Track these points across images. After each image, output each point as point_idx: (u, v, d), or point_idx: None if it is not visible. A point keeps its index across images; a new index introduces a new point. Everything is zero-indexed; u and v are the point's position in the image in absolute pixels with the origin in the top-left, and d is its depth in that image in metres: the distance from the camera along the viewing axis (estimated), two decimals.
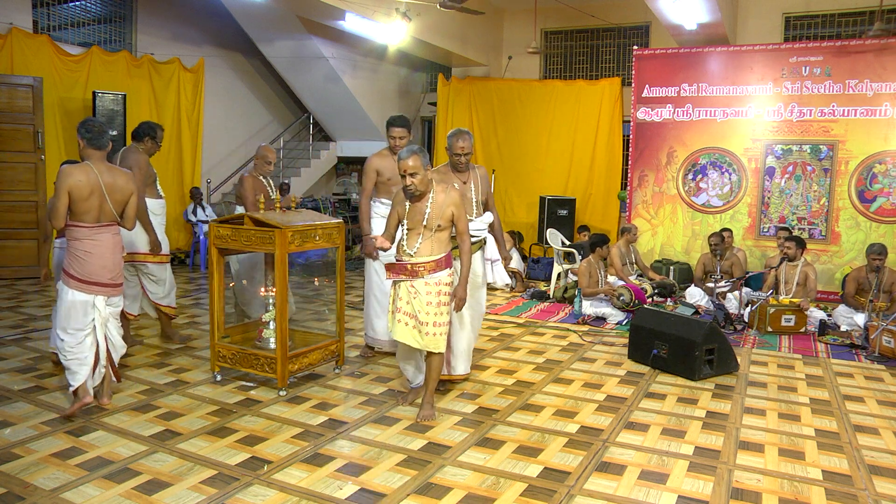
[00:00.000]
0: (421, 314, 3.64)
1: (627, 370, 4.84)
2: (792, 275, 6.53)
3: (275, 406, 3.91)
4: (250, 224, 4.05)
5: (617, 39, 10.84)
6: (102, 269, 3.69)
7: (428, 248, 3.62)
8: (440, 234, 3.63)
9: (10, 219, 7.64)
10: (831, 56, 7.58)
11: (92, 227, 3.67)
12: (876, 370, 5.03)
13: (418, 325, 3.65)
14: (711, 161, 8.22)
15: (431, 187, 3.61)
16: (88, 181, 3.61)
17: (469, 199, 4.13)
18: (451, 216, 3.61)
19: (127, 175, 3.84)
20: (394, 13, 7.94)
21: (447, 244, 3.69)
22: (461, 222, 3.66)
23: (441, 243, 3.65)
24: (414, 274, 3.62)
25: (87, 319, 3.68)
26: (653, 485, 3.02)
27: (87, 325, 3.69)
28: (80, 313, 3.66)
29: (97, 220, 3.69)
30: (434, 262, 3.62)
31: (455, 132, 4.09)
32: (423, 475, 3.06)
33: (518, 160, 10.49)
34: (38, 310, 6.25)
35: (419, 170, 3.51)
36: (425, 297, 3.62)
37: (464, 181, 4.12)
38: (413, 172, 3.50)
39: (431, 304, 3.62)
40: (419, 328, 3.65)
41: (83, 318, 3.67)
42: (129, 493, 2.84)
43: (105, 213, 3.71)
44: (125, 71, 8.68)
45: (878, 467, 3.28)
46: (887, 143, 7.41)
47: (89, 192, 3.61)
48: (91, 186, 3.61)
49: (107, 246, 3.71)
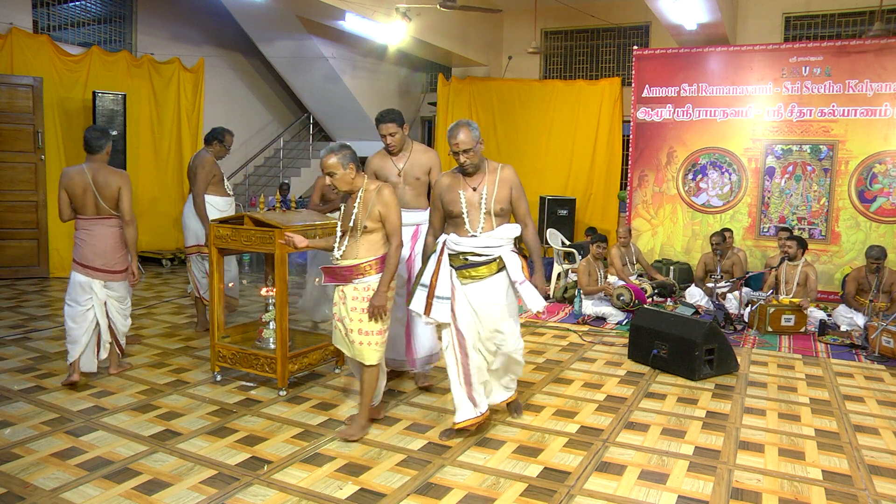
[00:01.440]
0: (346, 320, 3.43)
1: (627, 370, 4.84)
2: (792, 275, 6.53)
3: (275, 406, 3.91)
4: (250, 224, 4.05)
5: (617, 39, 10.85)
6: (94, 256, 4.22)
7: (354, 251, 3.40)
8: (368, 235, 3.38)
9: (10, 219, 7.65)
10: (831, 56, 7.58)
11: (88, 219, 4.22)
12: (876, 370, 5.03)
13: (346, 331, 3.45)
14: (711, 161, 8.22)
15: (361, 186, 3.39)
16: (81, 181, 4.16)
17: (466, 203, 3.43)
18: (378, 216, 3.34)
19: (117, 173, 4.27)
20: (394, 13, 7.94)
21: (380, 246, 3.41)
22: (389, 222, 3.35)
23: (371, 245, 3.39)
24: (342, 278, 3.42)
25: (85, 297, 4.24)
26: (653, 485, 3.02)
27: (86, 303, 4.24)
28: (79, 291, 4.24)
29: (93, 213, 4.21)
30: (362, 266, 3.38)
31: (452, 125, 3.56)
32: (423, 475, 3.06)
33: (518, 160, 10.48)
34: (37, 310, 6.25)
35: (336, 168, 3.32)
36: (350, 303, 3.40)
37: (473, 187, 3.44)
38: (330, 172, 3.33)
39: (356, 310, 3.38)
40: (347, 335, 3.45)
41: (82, 295, 4.24)
42: (129, 493, 2.84)
43: (99, 208, 4.21)
44: (125, 71, 8.68)
45: (878, 467, 3.28)
46: (887, 143, 7.41)
47: (82, 189, 4.16)
48: (84, 185, 4.16)
49: (99, 236, 4.23)
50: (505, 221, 3.49)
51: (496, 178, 3.44)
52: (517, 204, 3.49)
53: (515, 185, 3.48)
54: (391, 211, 3.35)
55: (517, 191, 3.48)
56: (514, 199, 3.47)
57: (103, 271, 4.25)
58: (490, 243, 3.41)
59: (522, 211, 3.52)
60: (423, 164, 4.14)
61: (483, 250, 3.41)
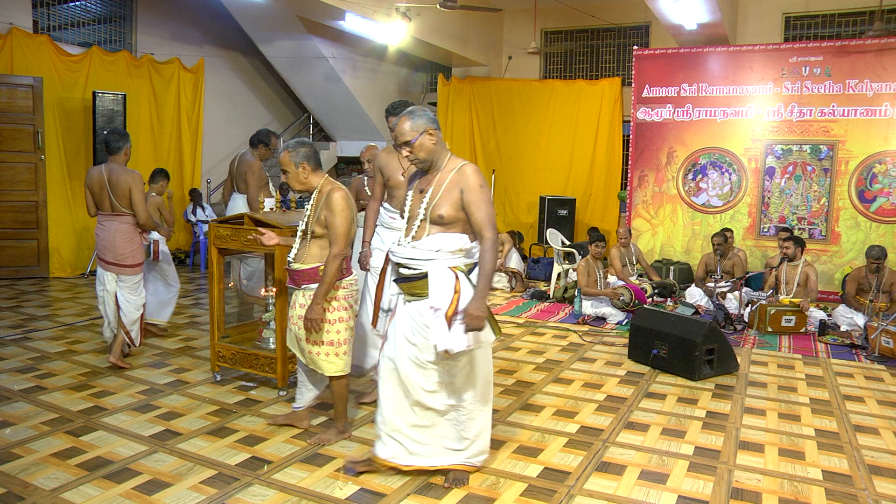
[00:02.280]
0: (295, 328, 3.35)
1: (627, 370, 4.84)
2: (793, 275, 6.53)
3: (275, 406, 3.91)
4: (250, 224, 4.05)
5: (617, 39, 10.84)
6: (105, 250, 4.55)
7: (304, 255, 3.30)
8: (318, 240, 3.26)
9: (10, 219, 7.65)
10: (831, 56, 7.58)
11: (103, 215, 4.57)
12: (876, 370, 5.03)
13: (298, 338, 3.35)
14: (711, 161, 8.22)
15: (316, 187, 3.29)
16: (99, 179, 4.50)
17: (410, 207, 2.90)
18: (324, 220, 3.21)
19: (129, 173, 4.50)
20: (394, 13, 7.94)
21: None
22: (332, 227, 3.15)
23: (322, 251, 3.25)
24: (293, 282, 3.34)
25: (101, 286, 4.62)
26: (653, 485, 3.02)
27: (101, 292, 4.63)
28: (98, 281, 4.64)
29: (108, 210, 4.53)
30: (308, 271, 3.26)
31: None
32: (423, 475, 3.06)
33: (518, 160, 10.49)
34: (38, 310, 6.25)
35: (287, 166, 3.24)
36: (298, 310, 3.32)
37: (421, 188, 2.87)
38: (282, 169, 3.27)
39: (303, 317, 3.26)
40: (299, 343, 3.36)
41: (99, 285, 4.63)
42: (129, 493, 2.84)
43: (113, 205, 4.51)
44: (125, 71, 8.67)
45: (878, 467, 3.28)
46: (887, 143, 7.41)
47: (100, 187, 4.50)
48: (101, 183, 4.50)
49: (111, 231, 4.53)
50: (450, 231, 2.81)
51: (446, 178, 2.81)
52: (470, 209, 2.75)
53: (469, 187, 2.76)
54: (336, 216, 3.13)
55: (472, 194, 2.75)
56: (466, 203, 2.76)
57: (114, 264, 4.55)
58: (415, 255, 2.81)
59: (476, 218, 2.75)
60: None
61: (409, 262, 2.83)
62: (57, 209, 7.97)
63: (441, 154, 2.86)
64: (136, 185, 4.50)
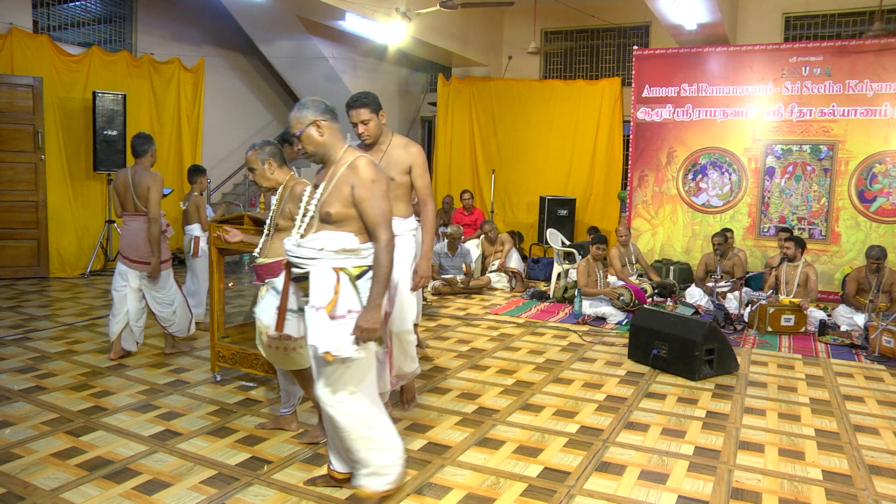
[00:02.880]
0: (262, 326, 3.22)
1: (627, 370, 4.84)
2: (793, 275, 6.53)
3: (275, 406, 3.91)
4: (250, 224, 4.05)
5: (617, 39, 10.84)
6: (129, 248, 4.71)
7: (267, 249, 3.29)
8: (282, 234, 3.16)
9: (10, 219, 7.65)
10: (831, 56, 7.58)
11: (127, 214, 4.73)
12: (876, 370, 5.03)
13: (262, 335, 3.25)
14: (711, 161, 8.22)
15: (281, 183, 3.34)
16: (124, 180, 4.68)
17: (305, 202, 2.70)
18: (289, 213, 3.19)
19: (150, 174, 4.66)
20: (394, 13, 7.94)
21: None
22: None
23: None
24: (257, 278, 3.33)
25: (121, 283, 4.73)
26: (653, 485, 3.02)
27: (121, 289, 4.72)
28: (118, 278, 4.76)
29: (131, 210, 4.70)
30: (271, 266, 3.23)
31: None
32: (423, 475, 3.06)
33: (518, 160, 10.49)
34: (38, 310, 6.25)
35: (254, 164, 3.36)
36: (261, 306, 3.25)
37: (317, 183, 2.74)
38: (249, 168, 3.39)
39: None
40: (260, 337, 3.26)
41: (119, 281, 4.74)
42: (129, 493, 2.84)
43: (136, 205, 4.66)
44: (125, 71, 8.67)
45: (878, 467, 3.28)
46: (887, 143, 7.41)
47: (124, 188, 4.68)
48: (125, 184, 4.67)
49: (134, 230, 4.69)
50: (341, 230, 2.58)
51: (338, 173, 2.60)
52: (362, 207, 2.55)
53: (360, 182, 2.54)
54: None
55: (363, 190, 2.54)
56: (358, 200, 2.54)
57: (137, 262, 4.71)
58: (300, 253, 2.60)
59: (369, 216, 2.56)
60: (402, 162, 3.52)
61: (296, 260, 2.63)
62: (57, 209, 7.97)
63: (334, 147, 2.66)
64: (154, 186, 4.65)
